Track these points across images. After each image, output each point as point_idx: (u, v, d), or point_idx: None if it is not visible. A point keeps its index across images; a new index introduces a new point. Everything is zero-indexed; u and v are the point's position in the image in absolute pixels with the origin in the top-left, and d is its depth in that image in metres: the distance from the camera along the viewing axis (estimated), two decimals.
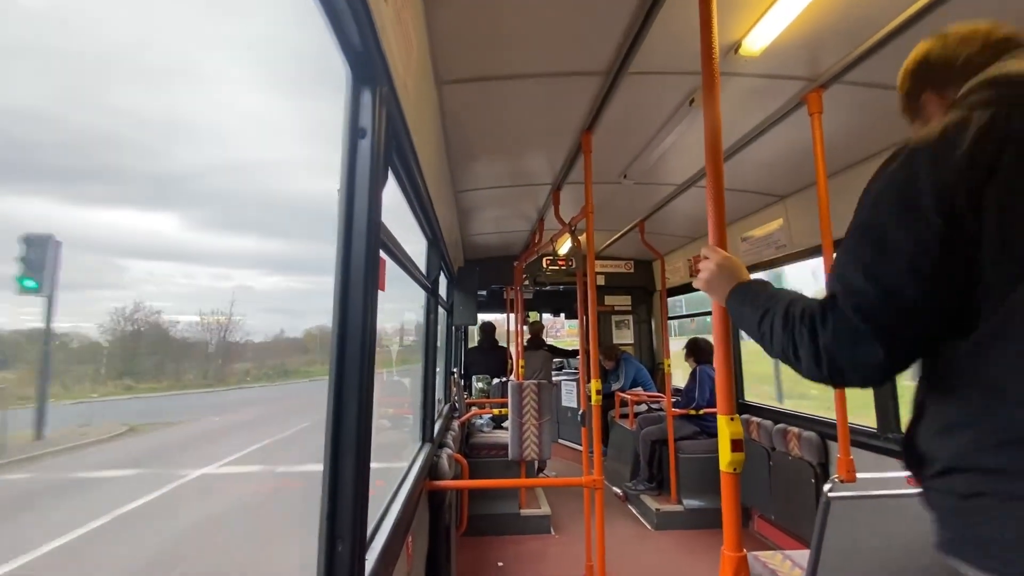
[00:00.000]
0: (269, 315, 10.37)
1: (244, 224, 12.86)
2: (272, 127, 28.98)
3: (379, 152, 1.07)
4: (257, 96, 26.80)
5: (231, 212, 12.96)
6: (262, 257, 11.67)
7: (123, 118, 14.99)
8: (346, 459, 0.98)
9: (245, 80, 26.52)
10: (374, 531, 1.42)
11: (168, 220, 11.43)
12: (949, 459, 0.76)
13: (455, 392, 4.91)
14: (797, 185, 3.40)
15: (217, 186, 13.93)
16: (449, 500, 2.63)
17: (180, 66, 19.25)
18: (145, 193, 11.22)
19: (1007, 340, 0.69)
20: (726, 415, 1.30)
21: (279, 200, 18.26)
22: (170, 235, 10.64)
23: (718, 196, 1.35)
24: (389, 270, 1.49)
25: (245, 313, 7.26)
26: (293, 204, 19.36)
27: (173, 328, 8.47)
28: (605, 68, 2.09)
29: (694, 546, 3.73)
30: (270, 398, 19.47)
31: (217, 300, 14.60)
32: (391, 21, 1.11)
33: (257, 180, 18.51)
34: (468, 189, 3.69)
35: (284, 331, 7.22)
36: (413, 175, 1.67)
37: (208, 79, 22.34)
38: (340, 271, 1.02)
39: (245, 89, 25.91)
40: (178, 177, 12.69)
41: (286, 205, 18.60)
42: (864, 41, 1.82)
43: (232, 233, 12.09)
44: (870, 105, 2.29)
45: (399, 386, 5.97)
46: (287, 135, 31.50)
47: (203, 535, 5.38)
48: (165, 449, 9.89)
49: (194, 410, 16.79)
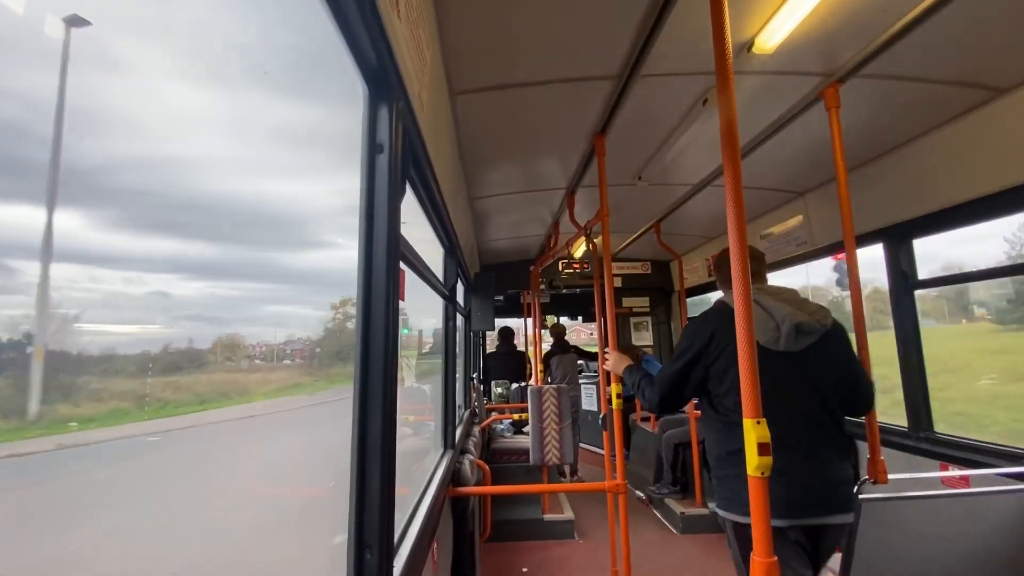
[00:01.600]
0: (190, 323, 9.48)
1: (164, 225, 12.46)
2: (201, 121, 28.50)
3: (396, 166, 1.09)
4: (190, 88, 26.26)
5: (148, 212, 12.58)
6: (184, 261, 11.14)
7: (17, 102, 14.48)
8: (372, 467, 1.00)
9: (178, 70, 25.67)
10: (400, 538, 1.44)
11: (71, 218, 10.84)
12: (716, 459, 1.86)
13: (475, 398, 4.93)
14: (816, 181, 3.34)
15: (131, 182, 13.42)
16: (472, 506, 2.64)
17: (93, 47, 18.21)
18: (43, 188, 10.75)
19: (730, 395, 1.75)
20: (752, 419, 1.28)
21: (208, 200, 17.74)
22: (74, 235, 10.03)
23: (737, 194, 1.34)
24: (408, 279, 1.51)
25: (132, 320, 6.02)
26: (224, 205, 18.87)
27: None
28: (617, 71, 2.09)
29: (721, 550, 3.67)
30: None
31: (128, 307, 13.56)
32: (405, 37, 1.13)
33: (183, 178, 18.13)
34: (483, 196, 3.72)
35: (193, 341, 6.06)
36: (429, 186, 1.70)
37: (134, 66, 21.71)
38: (362, 283, 1.04)
39: (175, 80, 25.32)
40: (84, 171, 12.16)
41: (215, 206, 18.19)
42: (881, 34, 1.79)
43: (150, 234, 11.67)
44: (889, 98, 2.25)
45: (419, 392, 5.98)
46: (217, 129, 30.74)
47: None
48: None
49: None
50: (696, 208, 3.98)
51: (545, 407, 3.95)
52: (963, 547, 1.65)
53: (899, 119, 2.44)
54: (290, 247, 1.52)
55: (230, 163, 1.11)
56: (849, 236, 2.10)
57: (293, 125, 1.28)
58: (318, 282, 1.68)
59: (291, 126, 1.28)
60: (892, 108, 2.34)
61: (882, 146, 2.74)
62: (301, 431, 1.78)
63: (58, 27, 0.60)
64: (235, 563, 1.21)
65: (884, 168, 2.83)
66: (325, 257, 1.66)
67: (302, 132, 1.30)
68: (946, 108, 2.31)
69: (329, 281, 1.77)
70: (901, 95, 2.22)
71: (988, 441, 2.42)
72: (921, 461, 2.66)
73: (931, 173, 2.55)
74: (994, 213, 2.30)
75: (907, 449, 2.75)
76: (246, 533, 1.31)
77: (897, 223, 2.78)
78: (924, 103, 2.28)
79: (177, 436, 1.00)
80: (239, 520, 1.27)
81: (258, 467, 1.55)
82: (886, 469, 1.95)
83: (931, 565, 1.65)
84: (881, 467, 1.95)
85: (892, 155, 2.76)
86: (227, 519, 1.24)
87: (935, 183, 2.53)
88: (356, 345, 1.03)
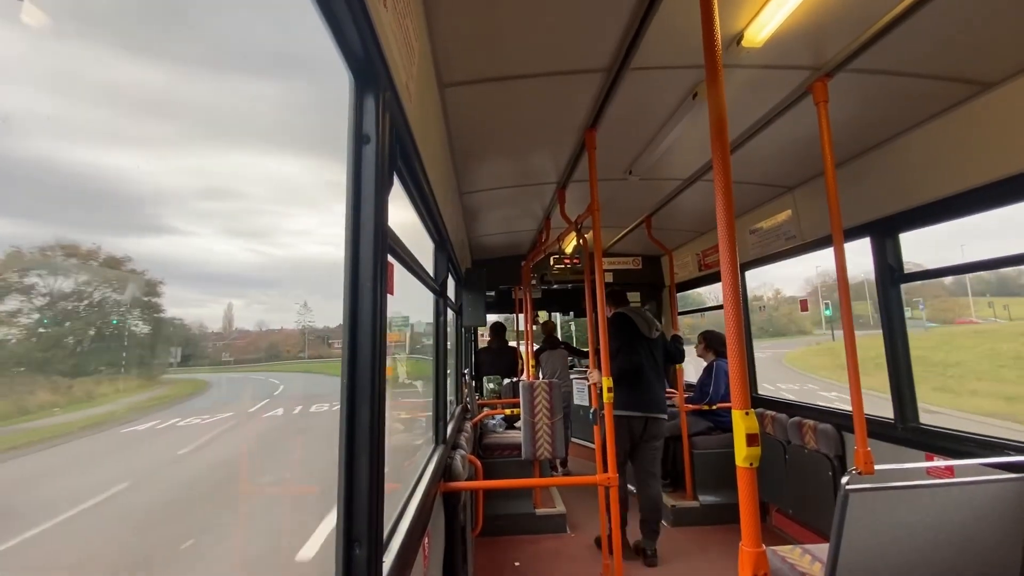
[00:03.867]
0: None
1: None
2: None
3: (384, 157, 1.07)
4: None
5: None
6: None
7: None
8: (360, 461, 0.99)
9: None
10: (390, 533, 1.43)
11: None
12: (615, 378, 3.15)
13: (467, 393, 4.92)
14: (805, 175, 3.37)
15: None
16: (464, 501, 2.64)
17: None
18: None
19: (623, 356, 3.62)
20: (741, 409, 1.29)
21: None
22: None
23: (726, 188, 1.34)
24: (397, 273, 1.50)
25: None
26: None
27: None
28: (607, 65, 2.08)
29: (711, 542, 3.71)
30: None
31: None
32: (392, 27, 1.11)
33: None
34: (473, 190, 3.70)
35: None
36: (418, 179, 1.68)
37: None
38: (349, 276, 1.02)
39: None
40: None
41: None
42: (869, 27, 1.80)
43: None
44: (877, 92, 2.27)
45: (411, 389, 5.93)
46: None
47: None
48: None
49: None
50: (686, 203, 4.00)
51: (537, 402, 3.95)
52: (948, 535, 1.68)
53: (886, 114, 2.46)
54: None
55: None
56: (837, 230, 2.11)
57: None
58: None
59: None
60: (879, 103, 2.36)
61: (869, 141, 2.76)
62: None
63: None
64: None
65: (871, 163, 2.85)
66: None
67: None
68: (933, 102, 2.33)
69: None
70: (888, 90, 2.23)
71: (973, 432, 2.46)
72: (907, 452, 2.70)
73: (918, 168, 2.57)
74: (980, 207, 2.33)
75: (893, 440, 2.79)
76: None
77: (883, 217, 2.81)
78: (911, 98, 2.30)
79: None
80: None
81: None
82: (872, 460, 1.98)
83: (916, 554, 1.67)
84: (868, 458, 1.98)
85: (879, 150, 2.78)
86: None
87: (921, 177, 2.56)
88: (344, 338, 1.01)
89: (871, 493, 1.65)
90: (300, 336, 7.85)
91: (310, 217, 15.94)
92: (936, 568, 1.68)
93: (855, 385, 2.07)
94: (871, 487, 1.65)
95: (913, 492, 1.67)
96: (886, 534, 1.66)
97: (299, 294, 13.90)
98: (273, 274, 12.53)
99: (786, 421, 3.64)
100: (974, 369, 15.82)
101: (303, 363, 7.99)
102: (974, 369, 15.82)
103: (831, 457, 3.19)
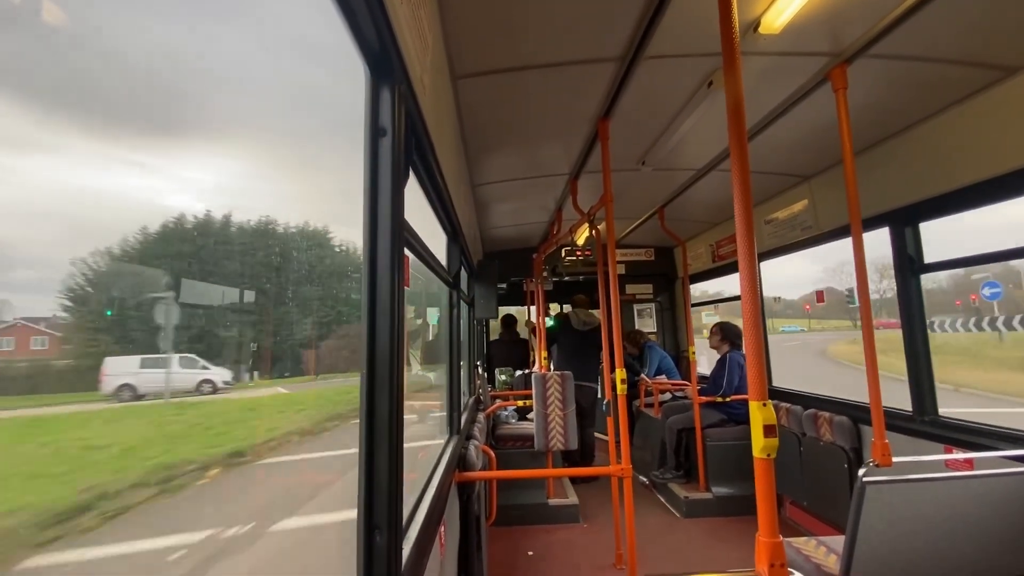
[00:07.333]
0: None
1: None
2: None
3: (400, 150, 1.08)
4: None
5: None
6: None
7: None
8: (380, 451, 1.01)
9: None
10: (408, 522, 1.46)
11: None
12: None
13: (479, 385, 4.96)
14: (822, 164, 3.31)
15: None
16: (478, 491, 2.67)
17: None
18: None
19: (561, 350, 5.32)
20: (758, 401, 1.28)
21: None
22: None
23: (744, 178, 1.33)
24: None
25: None
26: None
27: None
28: (620, 54, 2.06)
29: (724, 533, 3.71)
30: None
31: None
32: (407, 19, 1.11)
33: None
34: (486, 183, 3.70)
35: None
36: (432, 171, 1.68)
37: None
38: (367, 269, 1.03)
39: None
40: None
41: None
42: (889, 12, 1.75)
43: None
44: (897, 78, 2.21)
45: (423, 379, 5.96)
46: None
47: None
48: None
49: None
50: (700, 193, 3.95)
51: (549, 393, 3.97)
52: (966, 528, 1.66)
53: (907, 100, 2.41)
54: None
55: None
56: (856, 220, 2.08)
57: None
58: None
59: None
60: (900, 89, 2.31)
61: (889, 128, 2.70)
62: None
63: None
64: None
65: (891, 150, 2.79)
66: None
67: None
68: (955, 89, 2.27)
69: None
70: (909, 75, 2.18)
71: (993, 424, 2.42)
72: (926, 444, 2.66)
73: (939, 154, 2.52)
74: (1003, 195, 2.28)
75: (912, 433, 2.76)
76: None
77: (904, 206, 2.75)
78: (932, 83, 2.24)
79: None
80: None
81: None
82: (890, 452, 1.96)
83: (933, 546, 1.66)
84: (885, 450, 1.96)
85: (899, 137, 2.72)
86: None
87: (943, 165, 2.50)
88: (363, 331, 1.03)
89: (888, 485, 1.63)
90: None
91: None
92: (953, 561, 1.67)
93: (873, 376, 2.05)
94: (888, 479, 1.64)
95: (931, 485, 1.65)
96: (903, 526, 1.65)
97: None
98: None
99: (801, 413, 3.61)
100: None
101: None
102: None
103: (847, 449, 3.16)
